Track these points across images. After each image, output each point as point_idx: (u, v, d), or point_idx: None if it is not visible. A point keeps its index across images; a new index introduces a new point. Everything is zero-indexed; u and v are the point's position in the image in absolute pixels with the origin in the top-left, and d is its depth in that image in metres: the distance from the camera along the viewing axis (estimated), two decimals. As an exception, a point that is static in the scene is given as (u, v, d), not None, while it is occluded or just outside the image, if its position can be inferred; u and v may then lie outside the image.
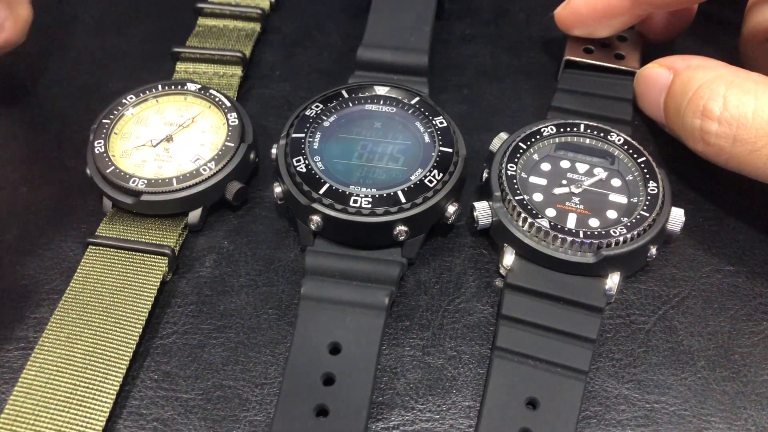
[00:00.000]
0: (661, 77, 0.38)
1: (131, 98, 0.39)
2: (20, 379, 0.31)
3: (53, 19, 0.49)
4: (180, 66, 0.44)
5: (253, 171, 0.39)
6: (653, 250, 0.34)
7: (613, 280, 0.33)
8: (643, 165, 0.36)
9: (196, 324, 0.34)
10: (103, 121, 0.38)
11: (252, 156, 0.38)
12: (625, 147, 0.36)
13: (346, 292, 0.33)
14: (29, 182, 0.40)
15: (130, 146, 0.37)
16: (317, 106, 0.37)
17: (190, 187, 0.36)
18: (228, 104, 0.39)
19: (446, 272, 0.36)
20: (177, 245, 0.36)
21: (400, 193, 0.34)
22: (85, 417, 0.30)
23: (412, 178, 0.34)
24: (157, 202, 0.35)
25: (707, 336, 0.34)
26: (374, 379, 0.31)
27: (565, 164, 0.37)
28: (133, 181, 0.35)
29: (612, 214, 0.34)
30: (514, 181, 0.35)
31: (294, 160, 0.35)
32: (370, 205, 0.33)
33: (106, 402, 0.31)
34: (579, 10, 0.40)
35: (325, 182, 0.34)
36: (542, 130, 0.37)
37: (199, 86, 0.40)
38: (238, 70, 0.43)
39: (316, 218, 0.33)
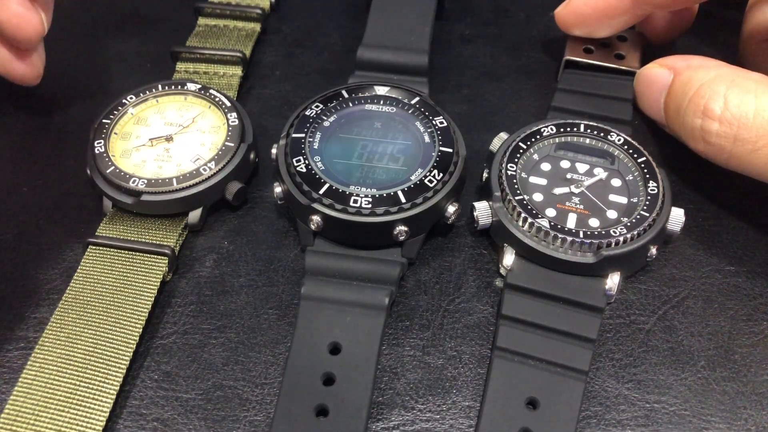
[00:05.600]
0: (662, 77, 0.38)
1: (131, 98, 0.39)
2: (20, 379, 0.31)
3: (53, 19, 0.49)
4: (180, 66, 0.44)
5: (253, 171, 0.39)
6: (653, 250, 0.34)
7: (613, 280, 0.33)
8: (643, 165, 0.36)
9: (196, 324, 0.34)
10: (103, 121, 0.38)
11: (252, 156, 0.38)
12: (625, 147, 0.36)
13: (346, 292, 0.33)
14: (29, 182, 0.40)
15: (130, 146, 0.38)
16: (317, 106, 0.37)
17: (190, 187, 0.36)
18: (228, 104, 0.39)
19: (446, 272, 0.36)
20: (177, 245, 0.36)
21: (400, 193, 0.34)
22: (85, 417, 0.30)
23: (412, 178, 0.34)
24: (157, 202, 0.35)
25: (707, 336, 0.34)
26: (374, 379, 0.31)
27: (565, 164, 0.37)
28: (133, 181, 0.35)
29: (612, 214, 0.34)
30: (514, 181, 0.35)
31: (294, 160, 0.35)
32: (370, 205, 0.33)
33: (106, 402, 0.31)
34: (579, 9, 0.40)
35: (325, 182, 0.34)
36: (542, 130, 0.37)
37: (199, 86, 0.40)
38: (238, 70, 0.43)
39: (316, 218, 0.33)
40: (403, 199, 0.33)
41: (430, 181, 0.34)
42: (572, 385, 0.31)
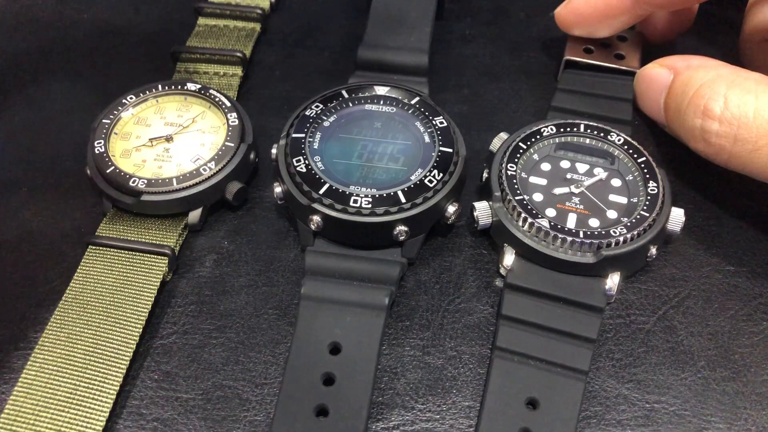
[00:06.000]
0: (662, 77, 0.38)
1: (131, 98, 0.39)
2: (20, 379, 0.31)
3: (53, 20, 0.49)
4: (180, 66, 0.44)
5: (253, 171, 0.39)
6: (653, 250, 0.34)
7: (613, 280, 0.33)
8: (643, 165, 0.36)
9: (196, 324, 0.34)
10: (103, 121, 0.38)
11: (252, 156, 0.38)
12: (625, 147, 0.36)
13: (346, 292, 0.33)
14: (29, 182, 0.40)
15: (130, 146, 0.38)
16: (317, 106, 0.37)
17: (190, 187, 0.36)
18: (228, 104, 0.39)
19: (446, 272, 0.36)
20: (177, 245, 0.36)
21: (400, 193, 0.34)
22: (85, 417, 0.30)
23: (412, 178, 0.34)
24: (157, 202, 0.35)
25: (707, 336, 0.34)
26: (374, 379, 0.31)
27: (565, 164, 0.37)
28: (133, 181, 0.35)
29: (612, 214, 0.34)
30: (514, 181, 0.35)
31: (294, 160, 0.35)
32: (370, 205, 0.33)
33: (106, 402, 0.31)
34: (579, 9, 0.40)
35: (325, 182, 0.34)
36: (542, 130, 0.37)
37: (199, 86, 0.40)
38: (238, 70, 0.43)
39: (316, 218, 0.33)
40: (403, 199, 0.33)
41: (430, 181, 0.34)
42: (572, 385, 0.31)
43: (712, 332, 0.34)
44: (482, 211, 0.35)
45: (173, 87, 0.40)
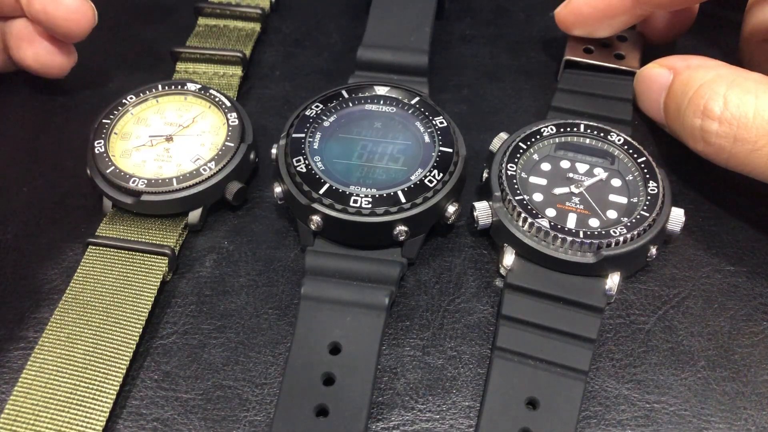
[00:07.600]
0: (661, 77, 0.38)
1: (131, 98, 0.39)
2: (20, 379, 0.31)
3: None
4: (180, 66, 0.44)
5: (253, 171, 0.39)
6: (653, 250, 0.34)
7: (613, 280, 0.33)
8: (643, 165, 0.36)
9: (196, 324, 0.34)
10: (103, 121, 0.38)
11: (252, 156, 0.38)
12: (625, 147, 0.36)
13: (346, 292, 0.33)
14: (29, 182, 0.40)
15: (130, 146, 0.38)
16: (317, 106, 0.37)
17: (190, 187, 0.36)
18: (228, 104, 0.39)
19: (446, 272, 0.36)
20: (177, 245, 0.36)
21: (400, 193, 0.34)
22: (85, 417, 0.30)
23: (412, 178, 0.34)
24: (157, 202, 0.35)
25: (707, 336, 0.34)
26: (374, 379, 0.31)
27: (565, 164, 0.37)
28: (133, 181, 0.35)
29: (612, 214, 0.34)
30: (514, 181, 0.35)
31: (294, 160, 0.35)
32: (370, 205, 0.33)
33: (106, 402, 0.31)
34: (579, 9, 0.40)
35: (325, 182, 0.34)
36: (542, 130, 0.37)
37: (199, 86, 0.40)
38: (238, 70, 0.43)
39: (316, 218, 0.33)
40: (403, 199, 0.33)
41: (430, 181, 0.34)
42: (572, 385, 0.31)
43: (712, 332, 0.34)
44: (482, 211, 0.35)
45: (173, 87, 0.40)
